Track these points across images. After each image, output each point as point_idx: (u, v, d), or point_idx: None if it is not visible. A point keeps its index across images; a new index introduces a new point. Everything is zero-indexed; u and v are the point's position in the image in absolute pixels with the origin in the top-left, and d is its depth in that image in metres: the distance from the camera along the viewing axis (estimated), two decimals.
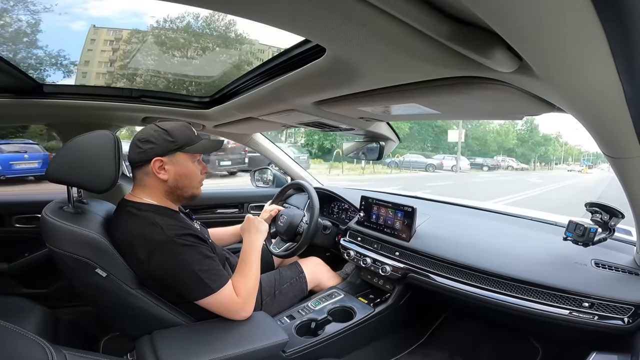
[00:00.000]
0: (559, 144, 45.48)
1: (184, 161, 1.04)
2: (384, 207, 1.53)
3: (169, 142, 1.01)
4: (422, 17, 0.41)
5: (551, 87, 0.55)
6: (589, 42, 0.38)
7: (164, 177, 1.02)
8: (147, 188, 1.04)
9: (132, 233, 0.96)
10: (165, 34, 4.13)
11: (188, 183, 1.07)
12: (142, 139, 1.01)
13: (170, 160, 1.02)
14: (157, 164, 1.01)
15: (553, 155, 43.03)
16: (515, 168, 28.11)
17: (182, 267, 0.94)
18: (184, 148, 1.03)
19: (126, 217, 1.00)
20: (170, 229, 0.95)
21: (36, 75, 1.21)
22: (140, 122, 1.62)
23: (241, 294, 1.03)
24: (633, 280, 0.99)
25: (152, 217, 0.97)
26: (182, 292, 0.97)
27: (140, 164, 1.02)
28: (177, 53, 2.70)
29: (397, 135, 1.54)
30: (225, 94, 1.32)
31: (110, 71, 2.63)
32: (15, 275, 1.61)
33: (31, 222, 1.60)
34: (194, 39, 3.94)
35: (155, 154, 1.00)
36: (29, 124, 7.05)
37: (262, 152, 2.13)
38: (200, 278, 0.95)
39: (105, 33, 3.10)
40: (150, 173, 1.02)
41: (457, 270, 1.23)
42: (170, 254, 0.93)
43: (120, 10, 9.61)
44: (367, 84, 0.76)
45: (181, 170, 1.04)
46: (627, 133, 0.61)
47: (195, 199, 1.11)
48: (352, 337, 1.32)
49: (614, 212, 1.02)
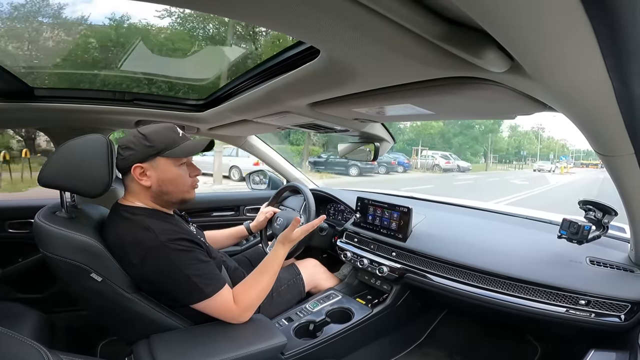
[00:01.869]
0: (535, 136, 37.90)
1: (165, 166, 1.01)
2: (379, 208, 1.53)
3: (147, 147, 0.98)
4: (414, 18, 0.41)
5: (542, 87, 0.56)
6: (579, 42, 0.39)
7: (146, 183, 1.00)
8: (136, 194, 1.03)
9: (125, 237, 0.95)
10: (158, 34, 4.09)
11: (173, 188, 1.03)
12: (123, 146, 0.99)
13: (151, 165, 1.00)
14: (138, 171, 0.99)
15: (525, 150, 35.66)
16: (443, 168, 19.33)
17: (175, 271, 0.93)
18: (163, 152, 1.00)
19: (119, 221, 0.99)
20: (163, 234, 0.94)
21: (27, 78, 1.19)
22: (134, 125, 1.61)
23: (241, 303, 1.01)
24: (628, 277, 1.00)
25: (145, 221, 0.96)
26: (177, 296, 0.96)
27: (125, 171, 1.01)
28: (171, 54, 2.68)
29: (391, 136, 1.54)
30: (219, 96, 1.32)
31: (102, 73, 2.60)
32: (9, 281, 1.59)
33: (24, 227, 1.59)
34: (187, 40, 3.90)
35: (134, 161, 0.98)
36: (20, 128, 6.98)
37: (257, 155, 2.12)
38: (194, 283, 0.93)
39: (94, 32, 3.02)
40: (134, 179, 1.00)
41: (453, 269, 1.23)
42: (163, 259, 0.92)
43: (110, 11, 9.56)
44: (362, 85, 0.76)
45: (163, 176, 1.01)
46: (618, 131, 0.62)
47: (186, 202, 1.08)
48: (350, 338, 1.32)
49: (607, 209, 1.03)
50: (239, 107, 1.20)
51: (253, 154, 2.13)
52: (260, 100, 1.06)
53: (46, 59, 1.88)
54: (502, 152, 32.96)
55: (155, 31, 4.21)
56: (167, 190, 1.02)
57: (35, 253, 1.55)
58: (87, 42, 2.76)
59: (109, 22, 4.97)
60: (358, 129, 1.35)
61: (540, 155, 37.87)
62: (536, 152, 38.16)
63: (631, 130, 0.61)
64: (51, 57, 1.68)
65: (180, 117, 1.53)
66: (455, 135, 26.53)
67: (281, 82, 0.85)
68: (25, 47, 2.31)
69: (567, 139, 46.93)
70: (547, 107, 0.69)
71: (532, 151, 37.42)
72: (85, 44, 2.72)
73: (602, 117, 0.61)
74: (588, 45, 0.38)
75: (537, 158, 36.47)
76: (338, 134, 1.58)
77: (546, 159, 36.03)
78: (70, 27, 3.60)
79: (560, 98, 0.59)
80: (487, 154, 26.49)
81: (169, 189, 1.02)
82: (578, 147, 47.97)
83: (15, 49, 1.54)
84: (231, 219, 2.07)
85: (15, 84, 1.15)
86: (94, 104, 1.37)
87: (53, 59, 1.57)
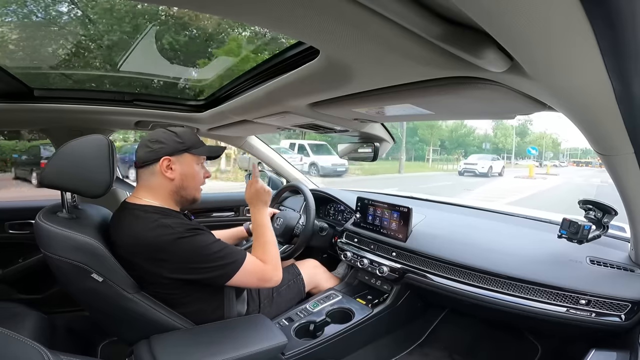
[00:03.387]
0: (504, 130, 33.10)
1: (190, 162, 1.09)
2: (379, 208, 1.53)
3: (177, 143, 1.06)
4: (414, 18, 0.41)
5: (542, 87, 0.56)
6: (579, 42, 0.39)
7: (170, 175, 1.05)
8: (152, 189, 1.06)
9: (141, 236, 0.96)
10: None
11: (192, 184, 1.10)
12: (152, 140, 1.05)
13: (178, 159, 1.07)
14: (165, 163, 1.04)
15: (499, 144, 32.26)
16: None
17: (204, 253, 0.98)
18: (191, 149, 1.08)
19: (131, 219, 0.99)
20: (179, 226, 0.98)
21: (27, 79, 1.20)
22: (133, 125, 1.61)
23: (267, 261, 1.09)
24: (628, 277, 1.00)
25: (160, 218, 0.99)
26: (211, 278, 1.00)
27: (148, 163, 1.05)
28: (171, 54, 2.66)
29: (391, 136, 1.54)
30: (219, 96, 1.32)
31: (102, 74, 2.59)
32: (10, 281, 1.59)
33: (24, 228, 1.59)
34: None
35: (164, 153, 1.04)
36: (20, 129, 6.96)
37: (256, 155, 2.12)
38: (221, 257, 0.99)
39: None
40: (156, 172, 1.05)
41: (453, 269, 1.23)
42: (187, 246, 0.96)
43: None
44: (361, 85, 0.76)
45: (187, 170, 1.08)
46: (618, 131, 0.62)
47: (195, 202, 1.14)
48: (351, 338, 1.32)
49: (607, 209, 1.03)
50: (239, 107, 1.21)
51: (253, 154, 2.13)
52: (260, 101, 1.06)
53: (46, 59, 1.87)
54: (446, 144, 31.01)
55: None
56: (186, 186, 1.09)
57: (36, 254, 1.56)
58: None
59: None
60: (358, 129, 1.35)
61: (514, 153, 33.42)
62: (509, 148, 32.80)
63: (631, 130, 0.61)
64: (51, 58, 1.66)
65: (180, 117, 1.54)
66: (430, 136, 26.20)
67: (281, 82, 0.85)
68: (25, 47, 2.31)
69: (558, 134, 40.94)
70: (546, 106, 0.69)
71: (507, 145, 33.22)
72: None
73: (601, 117, 0.61)
74: (587, 45, 0.38)
75: (513, 155, 32.67)
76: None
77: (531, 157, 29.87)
78: (71, 26, 3.58)
79: (559, 98, 0.59)
80: (402, 148, 19.07)
81: (189, 184, 1.10)
82: (575, 145, 42.60)
83: (15, 49, 1.53)
84: (231, 220, 2.07)
85: (15, 85, 1.15)
86: (93, 105, 1.37)
87: (53, 60, 1.56)
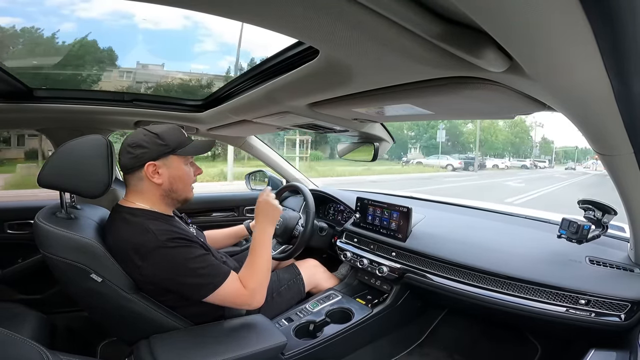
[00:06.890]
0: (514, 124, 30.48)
1: (177, 164, 1.04)
2: (379, 208, 1.53)
3: (161, 146, 1.00)
4: (413, 18, 0.41)
5: (541, 86, 0.56)
6: (578, 42, 0.39)
7: (158, 181, 1.01)
8: (141, 193, 1.03)
9: (126, 240, 0.95)
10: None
11: (182, 186, 1.06)
12: (133, 144, 0.99)
13: (164, 163, 1.02)
14: (151, 169, 1.00)
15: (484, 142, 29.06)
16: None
17: (181, 268, 0.94)
18: (176, 151, 1.03)
19: (120, 223, 0.99)
20: (163, 234, 0.95)
21: (26, 79, 1.19)
22: (133, 126, 1.61)
23: (248, 286, 1.02)
24: (628, 277, 1.00)
25: (145, 223, 0.97)
26: (186, 293, 0.97)
27: (133, 170, 1.01)
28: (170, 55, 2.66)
29: (391, 136, 1.54)
30: (218, 96, 1.32)
31: (101, 74, 2.58)
32: (9, 282, 1.59)
33: (23, 228, 1.59)
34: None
35: (148, 159, 0.99)
36: (19, 129, 6.96)
37: (256, 155, 2.13)
38: (200, 275, 0.95)
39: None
40: (143, 178, 1.01)
41: (453, 269, 1.23)
42: (165, 257, 0.93)
43: (109, 11, 9.57)
44: (361, 85, 0.76)
45: (175, 173, 1.04)
46: (618, 131, 0.62)
47: (187, 202, 1.11)
48: (350, 338, 1.32)
49: (606, 209, 1.03)
50: (239, 107, 1.20)
51: (252, 154, 2.13)
52: (260, 101, 1.06)
53: (46, 60, 1.88)
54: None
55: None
56: (176, 188, 1.05)
57: (35, 254, 1.55)
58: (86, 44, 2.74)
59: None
60: (358, 129, 1.35)
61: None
62: (499, 146, 29.99)
63: (630, 130, 0.61)
64: (51, 58, 1.67)
65: (180, 117, 1.53)
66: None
67: (280, 82, 0.85)
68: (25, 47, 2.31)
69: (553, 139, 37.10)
70: (546, 106, 0.69)
71: (494, 143, 31.28)
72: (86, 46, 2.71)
73: (601, 117, 0.61)
74: (587, 45, 0.38)
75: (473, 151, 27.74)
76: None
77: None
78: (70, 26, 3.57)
79: (559, 97, 0.59)
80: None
81: (178, 187, 1.06)
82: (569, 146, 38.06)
83: (15, 50, 1.53)
84: (231, 219, 2.07)
85: (14, 85, 1.15)
86: (93, 105, 1.37)
87: (53, 60, 1.57)
